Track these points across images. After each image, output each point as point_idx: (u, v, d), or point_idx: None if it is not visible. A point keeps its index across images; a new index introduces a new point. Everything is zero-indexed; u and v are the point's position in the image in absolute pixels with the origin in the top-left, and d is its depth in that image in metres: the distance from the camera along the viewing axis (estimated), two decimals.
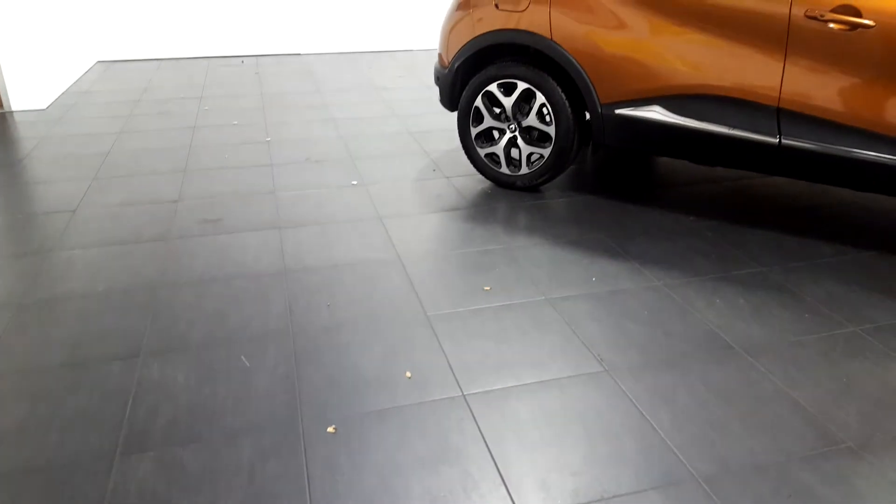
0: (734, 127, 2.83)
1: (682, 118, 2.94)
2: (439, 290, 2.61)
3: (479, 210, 3.37)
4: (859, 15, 2.46)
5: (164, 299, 2.54)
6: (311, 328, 2.35)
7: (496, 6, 3.26)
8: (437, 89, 3.73)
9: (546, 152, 3.36)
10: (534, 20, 3.16)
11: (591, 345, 2.26)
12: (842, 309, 2.47)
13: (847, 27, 2.48)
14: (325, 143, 4.37)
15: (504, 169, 3.54)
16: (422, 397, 2.00)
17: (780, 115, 2.71)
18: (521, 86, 3.29)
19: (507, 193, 3.55)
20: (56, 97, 5.44)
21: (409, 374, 2.11)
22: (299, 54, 7.34)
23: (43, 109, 5.11)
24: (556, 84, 3.21)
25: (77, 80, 6.03)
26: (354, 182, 3.72)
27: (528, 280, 2.68)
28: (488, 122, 3.47)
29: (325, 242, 3.00)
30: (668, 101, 2.95)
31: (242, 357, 2.18)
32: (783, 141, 2.73)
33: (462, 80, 3.52)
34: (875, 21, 2.43)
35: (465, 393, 2.02)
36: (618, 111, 3.08)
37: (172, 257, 2.86)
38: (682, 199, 3.52)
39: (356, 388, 2.04)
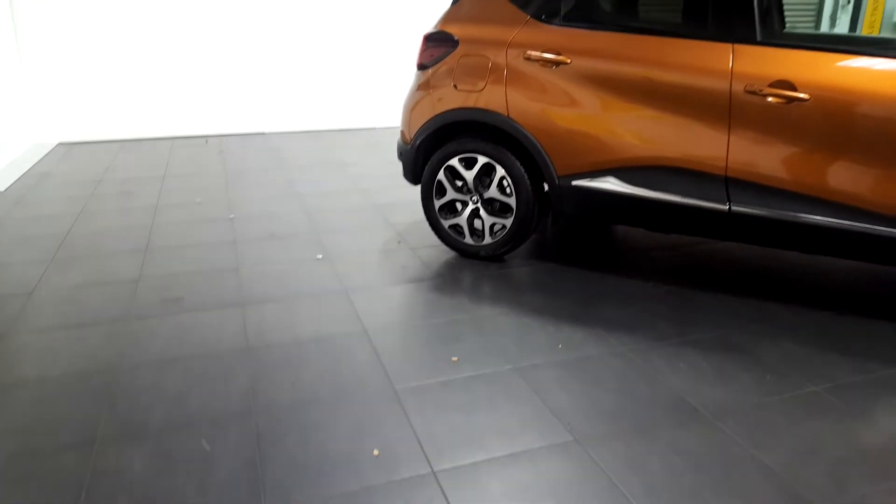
0: (686, 195, 2.94)
1: (636, 188, 3.05)
2: (407, 362, 2.59)
3: (445, 280, 3.40)
4: (794, 89, 2.63)
5: (122, 383, 2.46)
6: (274, 407, 2.30)
7: (455, 86, 3.39)
8: (400, 164, 3.81)
9: (508, 223, 3.44)
10: (491, 99, 3.29)
11: (560, 414, 2.25)
12: (801, 369, 2.53)
13: (784, 101, 2.65)
14: (290, 219, 4.39)
15: (468, 239, 3.59)
16: (390, 476, 1.95)
17: (729, 183, 2.83)
18: (482, 160, 3.40)
19: (471, 263, 3.60)
20: (15, 179, 5.39)
21: (376, 451, 2.06)
22: (264, 133, 7.45)
23: (1, 192, 5.04)
24: (514, 158, 3.31)
25: (38, 162, 5.99)
26: (319, 256, 3.72)
27: (496, 349, 2.69)
28: (451, 194, 3.55)
29: (289, 318, 2.97)
30: (622, 173, 3.07)
31: (203, 441, 2.11)
32: (733, 208, 2.85)
33: (424, 155, 3.62)
34: (809, 95, 2.60)
35: (434, 469, 1.98)
36: (574, 182, 3.19)
37: (131, 338, 2.80)
38: (642, 265, 3.61)
39: (322, 469, 1.98)
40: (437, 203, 3.61)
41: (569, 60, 3.08)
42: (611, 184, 3.10)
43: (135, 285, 3.33)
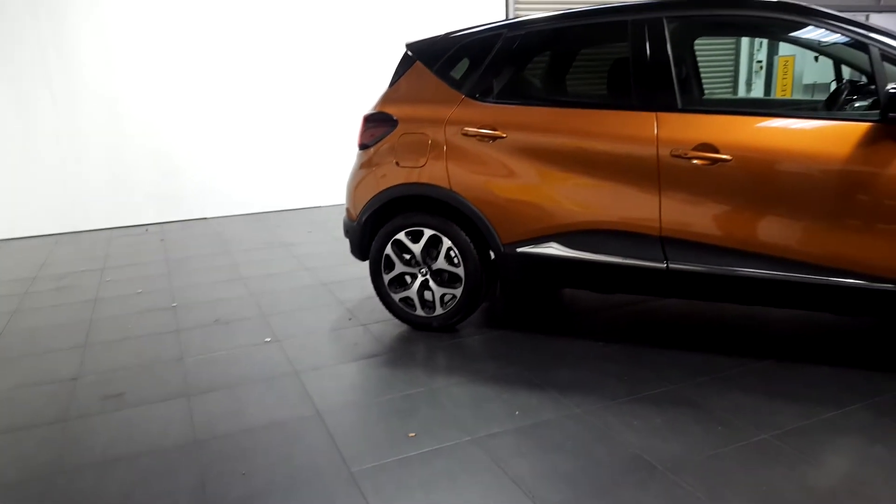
0: (625, 256, 3.05)
1: (578, 252, 3.15)
2: (363, 442, 2.53)
3: (398, 354, 3.37)
4: (717, 151, 2.80)
5: (60, 488, 2.31)
6: (225, 502, 2.19)
7: (397, 163, 3.48)
8: (347, 241, 3.84)
9: (458, 292, 3.47)
10: (433, 174, 3.39)
11: (521, 482, 2.22)
12: (749, 418, 2.59)
13: (708, 162, 2.82)
14: (235, 303, 4.31)
15: (419, 311, 3.60)
16: None
17: (664, 242, 2.96)
18: (428, 232, 3.45)
19: (424, 335, 3.59)
20: None
21: None
22: (205, 218, 7.40)
23: None
24: (459, 229, 3.39)
25: None
26: (267, 339, 3.66)
27: (453, 421, 2.66)
28: (399, 268, 3.58)
29: (238, 406, 2.88)
30: (564, 237, 3.17)
31: None
32: (670, 265, 2.97)
33: (371, 231, 3.66)
34: (731, 155, 2.78)
35: None
36: (519, 249, 3.27)
37: (71, 440, 2.65)
38: (590, 326, 3.68)
39: None
40: (387, 277, 3.62)
41: (504, 135, 3.21)
42: (554, 249, 3.20)
43: (74, 383, 3.19)
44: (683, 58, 3.64)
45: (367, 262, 3.72)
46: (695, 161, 2.84)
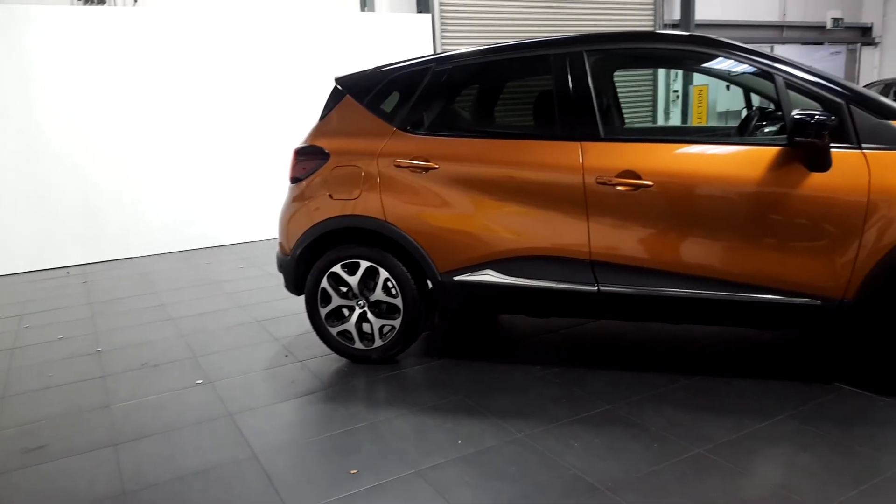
0: (559, 281, 3.13)
1: (514, 278, 3.20)
2: (302, 483, 2.46)
3: (338, 389, 3.31)
4: (639, 177, 2.93)
5: None
6: None
7: (330, 196, 3.47)
8: (281, 276, 3.77)
9: (397, 323, 3.46)
10: (367, 205, 3.39)
11: None
12: (683, 433, 2.67)
13: (632, 188, 2.94)
14: (164, 345, 4.15)
15: (358, 344, 3.56)
16: None
17: (594, 266, 3.05)
18: (364, 264, 3.44)
19: (364, 368, 3.55)
20: None
21: None
22: (131, 258, 7.11)
23: None
24: (396, 260, 3.39)
25: None
26: (199, 381, 3.52)
27: (395, 455, 2.62)
28: (336, 301, 3.54)
29: (169, 453, 2.76)
30: (499, 265, 3.22)
31: None
32: (601, 288, 3.06)
33: (305, 264, 3.61)
34: (652, 181, 2.91)
35: None
36: (456, 278, 3.30)
37: None
38: (528, 350, 3.73)
39: None
40: (323, 311, 3.57)
41: (437, 166, 3.26)
42: (490, 276, 3.24)
43: None
44: (604, 89, 3.80)
45: (302, 297, 3.66)
46: (619, 187, 2.95)
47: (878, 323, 2.78)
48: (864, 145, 2.69)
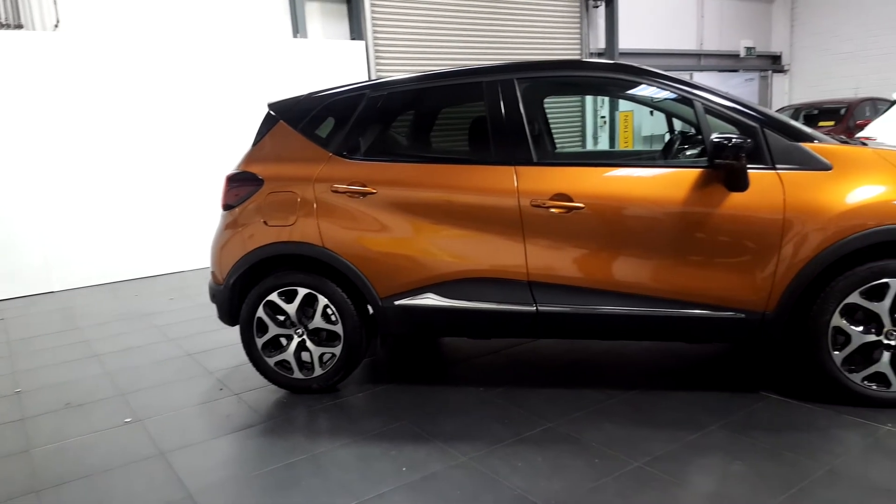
0: (498, 302, 3.16)
1: (455, 301, 3.22)
2: None
3: (277, 422, 3.22)
4: (571, 200, 3.01)
5: None
6: None
7: (265, 223, 3.41)
8: (214, 307, 3.66)
9: (337, 350, 3.41)
10: (304, 231, 3.34)
11: None
12: (622, 448, 2.73)
13: (564, 210, 3.02)
14: (89, 383, 3.94)
15: (297, 374, 3.48)
16: None
17: (532, 287, 3.11)
18: (302, 291, 3.38)
19: (304, 398, 3.47)
20: None
21: None
22: (52, 292, 6.75)
23: None
24: (335, 286, 3.35)
25: None
26: (127, 420, 3.36)
27: (339, 487, 2.57)
28: (273, 330, 3.46)
29: (96, 498, 2.61)
30: (440, 288, 3.23)
31: None
32: (539, 308, 3.11)
33: (240, 293, 3.51)
34: (584, 203, 3.00)
35: None
36: (397, 302, 3.28)
37: None
38: (471, 372, 3.74)
39: None
40: (260, 341, 3.48)
41: (375, 191, 3.26)
42: (431, 300, 3.24)
43: None
44: (535, 115, 3.92)
45: (237, 327, 3.55)
46: (552, 210, 3.03)
47: (798, 333, 2.94)
48: (778, 166, 2.86)
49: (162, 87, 7.25)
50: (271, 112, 3.63)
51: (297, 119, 3.54)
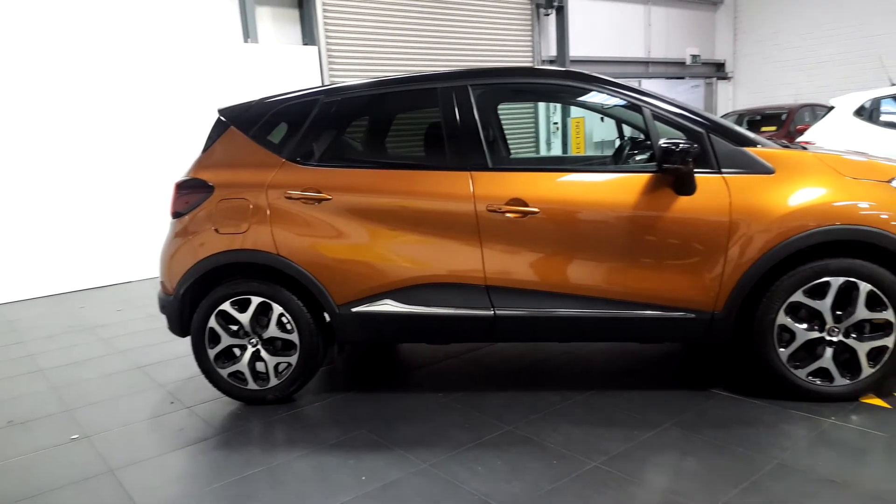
0: (457, 307, 3.17)
1: (412, 307, 3.21)
2: None
3: (231, 434, 3.15)
4: (526, 205, 3.05)
5: None
6: None
7: (216, 230, 3.33)
8: (164, 317, 3.56)
9: (293, 360, 3.35)
10: (258, 239, 3.29)
11: None
12: (580, 448, 2.76)
13: (520, 215, 3.05)
14: (33, 400, 3.78)
15: (252, 385, 3.41)
16: None
17: (490, 291, 3.13)
18: (256, 300, 3.32)
19: (259, 410, 3.40)
20: None
21: None
22: None
23: None
24: (290, 293, 3.30)
25: None
26: (74, 436, 3.24)
27: (296, 498, 2.53)
28: (226, 340, 3.38)
29: None
30: (398, 294, 3.22)
31: None
32: (497, 312, 3.13)
33: (191, 304, 3.43)
34: (539, 208, 3.04)
35: None
36: (354, 309, 3.26)
37: None
38: (430, 378, 3.73)
39: None
40: (212, 352, 3.40)
41: (330, 197, 3.23)
42: (389, 306, 3.23)
43: None
44: (490, 121, 3.95)
45: (188, 339, 3.47)
46: (508, 215, 3.06)
47: (746, 332, 3.03)
48: (723, 170, 2.95)
49: (108, 91, 7.04)
50: (222, 118, 3.57)
51: (248, 125, 3.48)
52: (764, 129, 11.22)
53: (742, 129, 3.17)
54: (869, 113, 6.08)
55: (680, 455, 2.67)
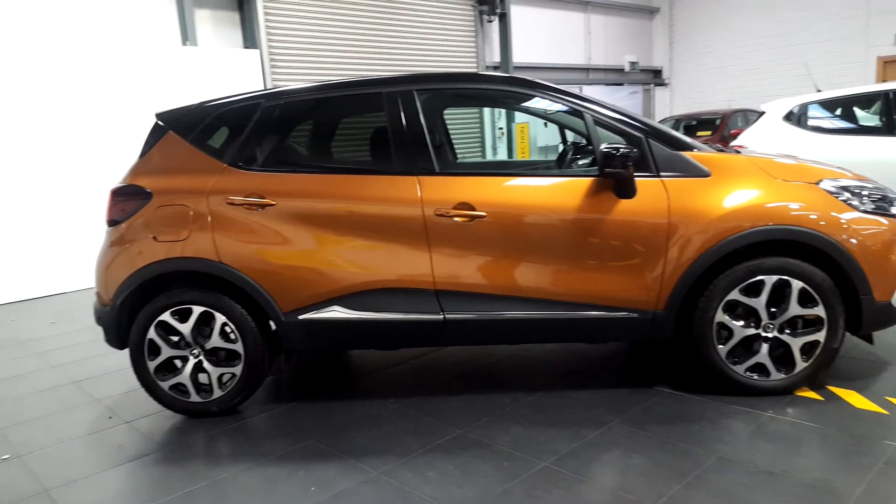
0: (406, 312, 3.16)
1: (362, 312, 3.18)
2: None
3: (173, 449, 3.05)
4: (473, 209, 3.06)
5: None
6: None
7: (154, 238, 3.23)
8: (101, 329, 3.42)
9: (237, 370, 3.27)
10: (199, 247, 3.19)
11: None
12: (530, 449, 2.79)
13: (468, 219, 3.06)
14: None
15: (194, 397, 3.31)
16: None
17: (439, 295, 3.12)
18: (197, 309, 3.23)
19: (203, 423, 3.30)
20: None
21: None
22: None
23: None
24: (233, 302, 3.22)
25: None
26: (5, 457, 3.07)
27: None
28: (167, 352, 3.27)
29: None
30: (346, 300, 3.18)
31: None
32: (447, 316, 3.13)
33: (129, 315, 3.30)
34: (486, 212, 3.06)
35: None
36: (301, 317, 3.20)
37: None
38: (380, 384, 3.70)
39: None
40: (152, 364, 3.28)
41: (274, 202, 3.17)
42: (337, 312, 3.18)
43: None
44: (436, 126, 3.96)
45: (126, 351, 3.34)
46: (456, 219, 3.06)
47: (687, 330, 3.12)
48: (662, 174, 3.04)
49: (40, 94, 6.74)
50: (159, 122, 3.46)
51: (187, 129, 3.38)
52: (700, 133, 11.63)
53: (679, 134, 3.27)
54: (797, 118, 6.37)
55: (626, 452, 2.73)
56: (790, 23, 14.28)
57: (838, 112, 6.45)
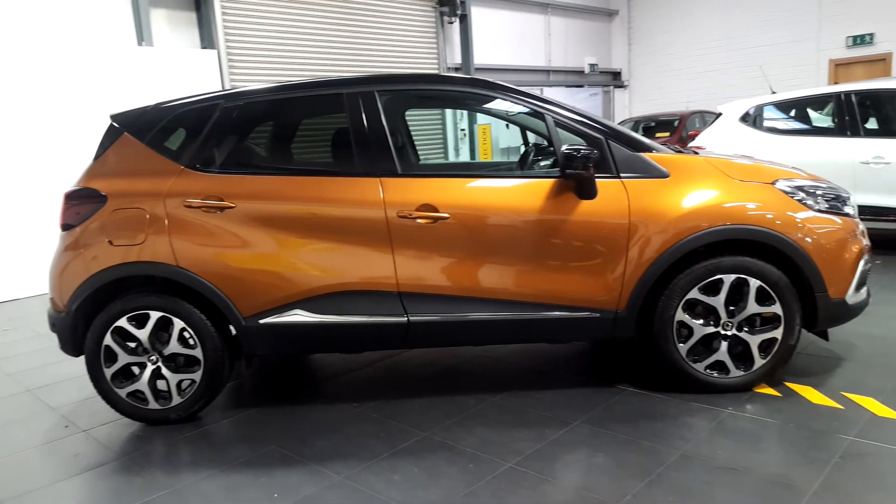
0: (369, 314, 3.13)
1: (324, 316, 3.14)
2: None
3: (132, 457, 2.97)
4: (436, 210, 3.06)
5: None
6: None
7: (110, 242, 3.14)
8: (55, 336, 3.31)
9: (197, 376, 3.20)
10: (156, 250, 3.12)
11: None
12: (495, 450, 2.80)
13: (431, 220, 3.06)
14: None
15: (153, 404, 3.23)
16: None
17: (403, 297, 3.11)
18: (155, 315, 3.15)
19: (162, 430, 3.22)
20: None
21: None
22: None
23: None
24: (192, 307, 3.15)
25: None
26: None
27: None
28: (124, 358, 3.19)
29: None
30: (308, 303, 3.14)
31: None
32: (411, 318, 3.12)
33: (84, 321, 3.21)
34: (449, 213, 3.06)
35: None
36: (262, 321, 3.15)
37: None
38: (343, 388, 3.67)
39: None
40: (109, 371, 3.20)
41: (233, 205, 3.11)
42: (299, 316, 3.14)
43: None
44: (398, 127, 3.94)
45: (82, 358, 3.24)
46: (419, 220, 3.06)
47: (648, 329, 3.17)
48: (622, 175, 3.08)
49: None
50: (114, 124, 3.37)
51: (143, 131, 3.30)
52: (658, 134, 11.85)
53: (638, 136, 3.32)
54: (753, 119, 6.54)
55: (590, 451, 2.76)
56: (745, 26, 14.66)
57: (792, 113, 6.64)
